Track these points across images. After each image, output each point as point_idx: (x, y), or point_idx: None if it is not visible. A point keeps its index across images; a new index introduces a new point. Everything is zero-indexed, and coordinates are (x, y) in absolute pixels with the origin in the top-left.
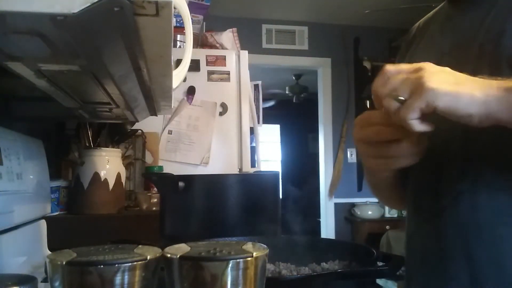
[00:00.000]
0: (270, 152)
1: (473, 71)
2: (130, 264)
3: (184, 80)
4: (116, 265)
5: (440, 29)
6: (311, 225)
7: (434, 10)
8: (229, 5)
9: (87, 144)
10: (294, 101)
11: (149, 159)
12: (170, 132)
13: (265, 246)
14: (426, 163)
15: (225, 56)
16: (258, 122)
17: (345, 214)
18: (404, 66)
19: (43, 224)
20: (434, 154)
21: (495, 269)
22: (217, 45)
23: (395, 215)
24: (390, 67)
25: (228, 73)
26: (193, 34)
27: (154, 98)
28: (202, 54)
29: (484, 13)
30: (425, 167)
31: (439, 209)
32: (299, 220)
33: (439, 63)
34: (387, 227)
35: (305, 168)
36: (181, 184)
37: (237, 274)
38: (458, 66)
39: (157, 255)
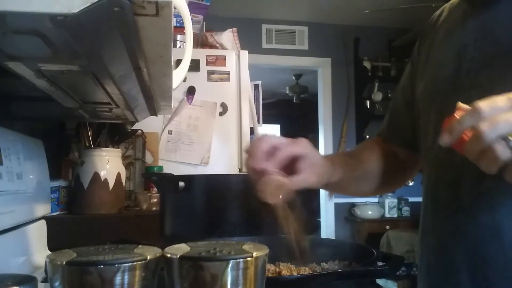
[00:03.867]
0: None
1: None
2: (130, 264)
3: (184, 80)
4: (116, 265)
5: (460, 23)
6: (311, 225)
7: (447, 6)
8: (229, 5)
9: (87, 144)
10: (294, 101)
11: (149, 159)
12: (170, 132)
13: (265, 246)
14: (446, 160)
15: (225, 56)
16: (258, 122)
17: (345, 214)
18: (500, 102)
19: (43, 224)
20: (456, 152)
21: (511, 273)
22: (217, 45)
23: (395, 215)
24: (483, 104)
25: (228, 73)
26: (193, 34)
27: (154, 98)
28: (202, 54)
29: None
30: (445, 165)
31: (459, 208)
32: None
33: (461, 54)
34: (387, 227)
35: None
36: (181, 184)
37: (237, 274)
38: (483, 58)
39: (157, 255)
